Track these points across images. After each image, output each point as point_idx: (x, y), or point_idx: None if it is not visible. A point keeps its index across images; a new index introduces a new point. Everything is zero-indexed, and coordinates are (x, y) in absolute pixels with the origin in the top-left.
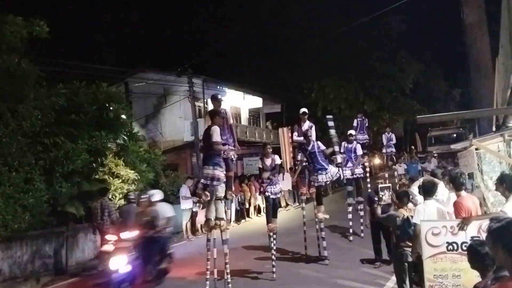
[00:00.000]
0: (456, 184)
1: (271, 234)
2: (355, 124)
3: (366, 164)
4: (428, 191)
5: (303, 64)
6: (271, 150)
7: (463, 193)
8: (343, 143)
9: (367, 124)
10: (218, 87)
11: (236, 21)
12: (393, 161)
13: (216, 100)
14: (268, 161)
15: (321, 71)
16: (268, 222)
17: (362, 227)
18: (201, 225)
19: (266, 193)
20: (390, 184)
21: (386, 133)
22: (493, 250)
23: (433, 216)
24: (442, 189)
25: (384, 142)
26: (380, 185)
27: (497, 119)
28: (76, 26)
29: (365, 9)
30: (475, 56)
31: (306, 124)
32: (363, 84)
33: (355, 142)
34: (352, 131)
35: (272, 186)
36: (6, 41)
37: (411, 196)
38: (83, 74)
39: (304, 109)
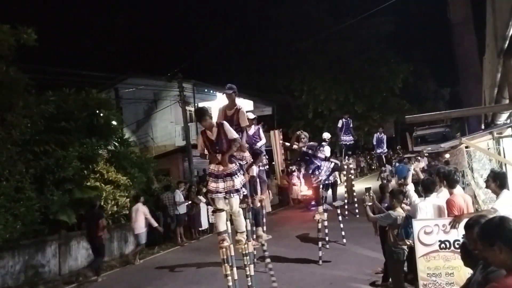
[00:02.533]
0: (450, 181)
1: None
2: (339, 124)
3: (352, 166)
4: (428, 188)
5: (293, 66)
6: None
7: (456, 190)
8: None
9: (351, 125)
10: (209, 91)
11: (225, 24)
12: (382, 162)
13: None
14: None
15: (311, 73)
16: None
17: (343, 233)
18: (195, 230)
19: None
20: (370, 186)
21: (378, 133)
22: (488, 248)
23: (431, 213)
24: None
25: (375, 142)
26: (365, 187)
27: (486, 117)
28: (65, 33)
29: (354, 10)
30: (462, 55)
31: (253, 128)
32: (353, 85)
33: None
34: (326, 135)
35: None
36: None
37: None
38: (72, 81)
39: (254, 115)
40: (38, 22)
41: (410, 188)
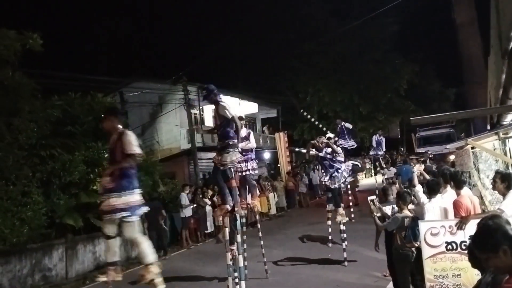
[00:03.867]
0: (457, 182)
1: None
2: (338, 129)
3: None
4: (433, 189)
5: (298, 68)
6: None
7: (463, 191)
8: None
9: (350, 128)
10: None
11: (229, 27)
12: (380, 164)
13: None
14: None
15: (316, 75)
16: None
17: (344, 235)
18: (200, 233)
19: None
20: (374, 196)
21: (377, 135)
22: (492, 256)
23: (438, 214)
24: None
25: (374, 144)
26: (369, 198)
27: (491, 118)
28: (70, 38)
29: (358, 11)
30: (467, 56)
31: (244, 131)
32: (357, 86)
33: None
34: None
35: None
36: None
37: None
38: (78, 85)
39: (240, 114)
40: (43, 28)
41: (419, 189)
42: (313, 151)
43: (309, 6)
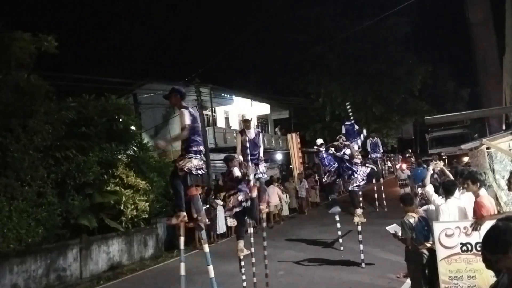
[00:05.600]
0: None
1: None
2: (343, 131)
3: None
4: (448, 190)
5: (310, 69)
6: None
7: (481, 192)
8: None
9: (355, 129)
10: (225, 95)
11: (241, 28)
12: (378, 167)
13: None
14: None
15: (328, 76)
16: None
17: (360, 237)
18: (213, 233)
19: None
20: (393, 225)
21: (370, 138)
22: (502, 257)
23: (454, 215)
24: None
25: (369, 148)
26: (388, 230)
27: (507, 117)
28: (84, 40)
29: (370, 12)
30: (481, 55)
31: (253, 131)
32: (370, 87)
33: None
34: (319, 141)
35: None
36: (15, 57)
37: (427, 196)
38: (92, 87)
39: (246, 116)
40: (58, 30)
41: (429, 189)
42: (331, 150)
43: (321, 7)
